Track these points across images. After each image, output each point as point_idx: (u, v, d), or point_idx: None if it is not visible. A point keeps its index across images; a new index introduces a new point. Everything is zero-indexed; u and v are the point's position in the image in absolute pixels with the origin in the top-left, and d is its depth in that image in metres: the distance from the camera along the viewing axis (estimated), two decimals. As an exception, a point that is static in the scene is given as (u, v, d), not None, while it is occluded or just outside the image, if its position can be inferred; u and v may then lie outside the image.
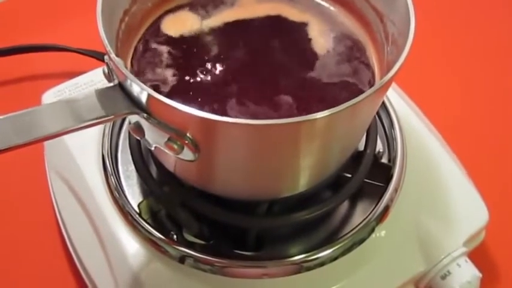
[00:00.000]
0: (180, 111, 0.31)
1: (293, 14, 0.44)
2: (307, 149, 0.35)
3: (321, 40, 0.42)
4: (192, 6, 0.44)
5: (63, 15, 0.70)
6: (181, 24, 0.43)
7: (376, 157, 0.46)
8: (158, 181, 0.44)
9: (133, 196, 0.45)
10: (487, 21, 0.71)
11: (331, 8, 0.45)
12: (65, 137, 0.32)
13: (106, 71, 0.36)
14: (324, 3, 0.45)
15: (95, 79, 0.52)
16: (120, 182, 0.45)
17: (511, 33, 0.70)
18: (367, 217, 0.43)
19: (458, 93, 0.64)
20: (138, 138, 0.36)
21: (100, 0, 0.35)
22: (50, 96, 0.51)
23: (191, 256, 0.40)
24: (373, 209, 0.44)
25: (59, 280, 0.50)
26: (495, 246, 0.51)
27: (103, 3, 0.35)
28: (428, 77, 0.64)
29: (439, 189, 0.46)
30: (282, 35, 0.43)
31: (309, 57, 0.41)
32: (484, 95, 0.64)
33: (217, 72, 0.39)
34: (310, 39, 0.42)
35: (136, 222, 0.42)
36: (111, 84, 0.35)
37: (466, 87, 0.65)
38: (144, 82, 0.38)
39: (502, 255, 0.51)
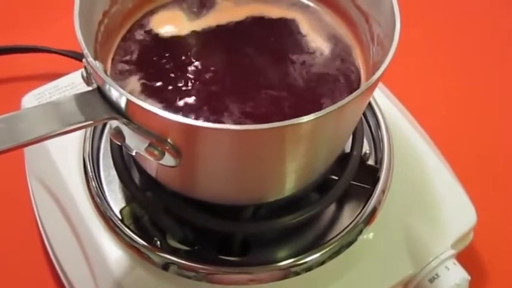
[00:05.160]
0: (159, 116, 0.30)
1: (276, 14, 0.43)
2: (293, 153, 0.35)
3: (306, 40, 0.42)
4: (173, 8, 0.43)
5: (43, 16, 0.69)
6: (162, 26, 0.42)
7: (363, 159, 0.46)
8: (140, 186, 0.43)
9: (116, 202, 0.44)
10: (473, 21, 0.71)
11: (316, 7, 0.44)
12: (45, 141, 0.32)
13: (84, 74, 0.35)
14: (308, 2, 0.44)
15: (76, 81, 0.51)
16: (102, 187, 0.44)
17: (497, 33, 0.70)
18: (354, 220, 0.43)
19: (445, 94, 0.64)
20: (119, 143, 0.35)
21: (77, 2, 0.34)
22: (30, 99, 0.50)
23: (175, 263, 0.40)
24: (360, 212, 0.43)
25: (39, 287, 0.49)
26: (483, 248, 0.51)
27: (81, 5, 0.34)
28: (414, 77, 0.64)
29: (426, 191, 0.46)
30: (265, 36, 0.42)
31: (292, 58, 0.40)
32: (471, 94, 0.64)
33: (198, 76, 0.39)
34: (294, 39, 0.42)
35: (119, 228, 0.41)
36: (90, 88, 0.34)
37: (453, 87, 0.64)
38: (123, 86, 0.37)
39: (491, 256, 0.51)
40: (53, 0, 0.68)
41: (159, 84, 0.38)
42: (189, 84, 0.38)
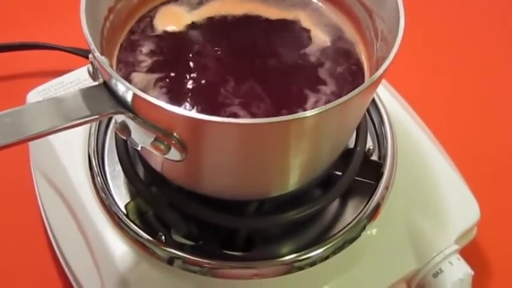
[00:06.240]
0: (166, 110, 0.30)
1: (278, 10, 0.43)
2: (297, 148, 0.35)
3: (309, 37, 0.42)
4: (178, 3, 0.43)
5: (48, 13, 0.69)
6: (166, 21, 0.42)
7: (367, 154, 0.46)
8: (145, 181, 0.43)
9: (121, 197, 0.44)
10: (478, 17, 0.71)
11: (319, 4, 0.44)
12: (50, 136, 0.32)
13: (91, 69, 0.35)
14: (312, -1, 0.44)
15: (80, 77, 0.51)
16: (107, 182, 0.44)
17: (501, 31, 0.70)
18: (358, 215, 0.43)
19: (448, 90, 0.64)
20: (124, 138, 0.36)
21: (84, -2, 0.34)
22: (35, 95, 0.50)
23: (180, 257, 0.40)
24: (364, 207, 0.43)
25: (45, 282, 0.49)
26: (487, 243, 0.51)
27: (87, 1, 0.34)
28: (418, 73, 0.64)
29: (430, 186, 0.46)
30: (268, 31, 0.42)
31: (296, 54, 0.41)
32: (474, 91, 0.64)
33: (204, 70, 0.39)
34: (298, 37, 0.42)
35: (124, 223, 0.41)
36: (96, 83, 0.34)
37: (456, 83, 0.64)
38: (130, 81, 0.37)
39: (494, 252, 0.51)
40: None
41: (165, 78, 0.38)
42: (195, 78, 0.38)
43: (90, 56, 0.33)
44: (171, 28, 0.42)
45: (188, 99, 0.37)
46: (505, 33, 0.70)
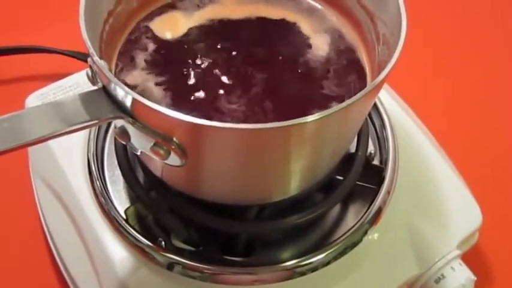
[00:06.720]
0: (165, 115, 0.30)
1: (278, 13, 0.43)
2: (298, 153, 0.35)
3: (310, 41, 0.42)
4: (178, 7, 0.43)
5: (46, 16, 0.69)
6: (167, 25, 0.42)
7: (368, 159, 0.46)
8: (145, 186, 0.43)
9: (120, 202, 0.44)
10: (480, 21, 0.71)
11: (320, 7, 0.44)
12: (50, 140, 0.32)
13: (90, 74, 0.35)
14: (312, 2, 0.44)
15: (80, 81, 0.51)
16: (106, 187, 0.44)
17: (502, 33, 0.70)
18: (359, 220, 0.43)
19: (449, 94, 0.64)
20: (124, 143, 0.35)
21: (83, 1, 0.34)
22: (34, 99, 0.50)
23: (180, 263, 0.40)
24: (365, 212, 0.43)
25: (44, 287, 0.49)
26: (489, 248, 0.51)
27: (86, 4, 0.34)
28: (420, 77, 0.64)
29: (431, 191, 0.46)
30: (267, 36, 0.42)
31: (298, 58, 0.40)
32: (475, 94, 0.64)
33: (204, 75, 0.39)
34: (299, 40, 0.42)
35: (123, 228, 0.41)
36: (95, 87, 0.34)
37: (457, 87, 0.64)
38: (129, 85, 0.37)
39: (496, 257, 0.51)
40: (57, 0, 0.68)
41: (164, 82, 0.38)
42: (195, 82, 0.38)
43: (89, 59, 0.33)
44: (171, 32, 0.41)
45: (188, 104, 0.37)
46: (506, 36, 0.70)
